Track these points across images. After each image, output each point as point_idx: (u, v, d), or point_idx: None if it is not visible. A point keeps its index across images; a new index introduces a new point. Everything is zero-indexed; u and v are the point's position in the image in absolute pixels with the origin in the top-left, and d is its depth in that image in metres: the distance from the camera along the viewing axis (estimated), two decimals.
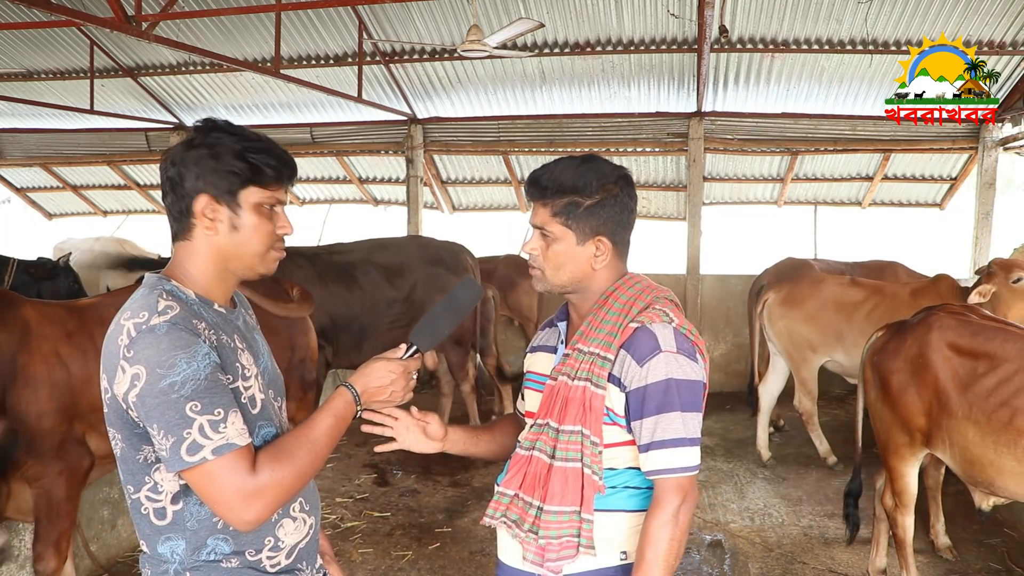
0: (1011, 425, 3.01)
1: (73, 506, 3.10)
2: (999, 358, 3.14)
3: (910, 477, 3.51)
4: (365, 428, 1.73)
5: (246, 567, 1.49)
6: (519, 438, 1.76)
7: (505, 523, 1.70)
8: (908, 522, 3.55)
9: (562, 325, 1.82)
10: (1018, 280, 4.71)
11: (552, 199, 1.67)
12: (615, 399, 1.63)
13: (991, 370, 3.13)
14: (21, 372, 2.93)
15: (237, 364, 1.48)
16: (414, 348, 1.66)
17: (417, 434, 1.75)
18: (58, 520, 3.05)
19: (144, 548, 1.51)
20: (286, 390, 1.76)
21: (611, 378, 1.63)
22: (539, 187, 1.69)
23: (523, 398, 1.87)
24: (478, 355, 6.43)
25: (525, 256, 1.79)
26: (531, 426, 1.73)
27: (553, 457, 1.65)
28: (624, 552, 1.66)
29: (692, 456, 1.60)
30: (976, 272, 5.02)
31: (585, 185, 1.66)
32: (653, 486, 1.63)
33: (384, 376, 1.59)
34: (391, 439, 1.74)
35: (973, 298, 4.66)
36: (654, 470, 1.60)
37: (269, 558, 1.52)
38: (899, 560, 3.64)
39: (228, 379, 1.43)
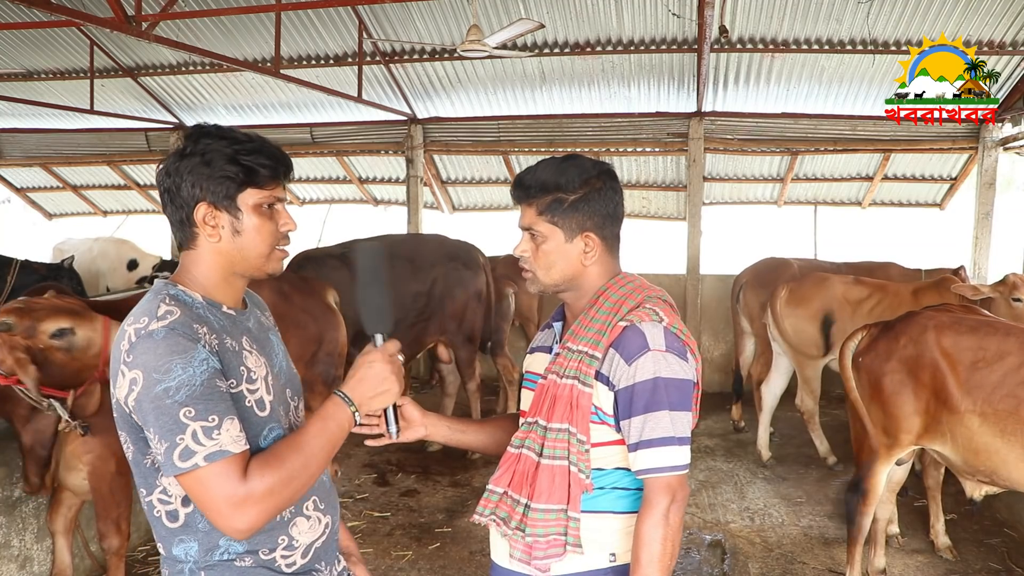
0: (1016, 414, 3.11)
1: (125, 482, 3.14)
2: (1003, 352, 3.21)
3: (880, 478, 3.56)
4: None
5: (260, 566, 1.49)
6: (512, 437, 1.76)
7: (494, 521, 1.71)
8: (866, 522, 3.61)
9: (557, 325, 1.83)
10: (1018, 300, 4.68)
11: (537, 198, 1.70)
12: (603, 398, 1.63)
13: (995, 362, 3.20)
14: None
15: (242, 368, 1.47)
16: (380, 337, 1.63)
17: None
18: (113, 497, 3.13)
19: (161, 550, 1.51)
20: (311, 385, 1.74)
21: (599, 376, 1.63)
22: (524, 188, 1.71)
23: (521, 397, 1.89)
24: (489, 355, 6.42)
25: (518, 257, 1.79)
26: (522, 424, 1.74)
27: (541, 455, 1.66)
28: (613, 554, 1.67)
29: (681, 455, 1.59)
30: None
31: (568, 181, 1.68)
32: (642, 487, 1.63)
33: (379, 382, 1.55)
34: (380, 435, 1.72)
35: (966, 291, 4.73)
36: (643, 469, 1.60)
37: (284, 557, 1.52)
38: (847, 555, 3.71)
39: (231, 383, 1.43)
